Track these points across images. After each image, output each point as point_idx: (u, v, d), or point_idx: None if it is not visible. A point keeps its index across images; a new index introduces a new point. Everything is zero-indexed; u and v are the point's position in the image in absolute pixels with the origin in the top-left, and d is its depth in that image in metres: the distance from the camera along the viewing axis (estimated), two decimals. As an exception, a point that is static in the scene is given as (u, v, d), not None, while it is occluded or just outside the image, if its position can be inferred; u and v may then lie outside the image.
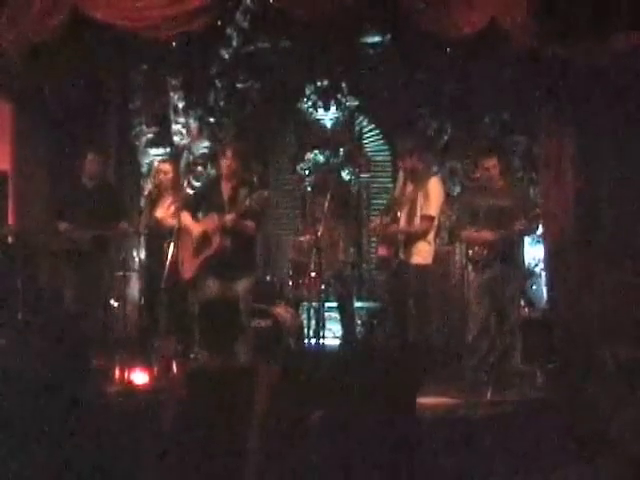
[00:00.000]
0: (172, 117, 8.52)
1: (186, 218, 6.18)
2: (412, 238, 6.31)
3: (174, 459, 3.47)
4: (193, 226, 6.14)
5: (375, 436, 3.15)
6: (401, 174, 6.62)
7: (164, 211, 6.87)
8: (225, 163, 6.15)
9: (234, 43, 8.23)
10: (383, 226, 6.51)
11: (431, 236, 6.35)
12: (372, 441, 3.13)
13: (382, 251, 6.59)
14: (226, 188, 6.14)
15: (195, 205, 6.31)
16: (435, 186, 6.37)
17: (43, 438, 3.32)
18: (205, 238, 6.06)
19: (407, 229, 6.32)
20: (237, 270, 6.06)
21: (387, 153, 8.37)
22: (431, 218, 6.29)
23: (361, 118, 8.41)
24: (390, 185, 7.78)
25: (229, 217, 5.92)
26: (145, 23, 6.58)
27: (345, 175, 8.42)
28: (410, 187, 6.41)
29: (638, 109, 6.62)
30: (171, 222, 6.46)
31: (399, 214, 6.40)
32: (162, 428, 3.61)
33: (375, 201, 8.29)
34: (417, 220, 6.29)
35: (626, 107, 6.66)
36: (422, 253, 6.30)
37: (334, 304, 7.29)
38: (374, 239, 7.60)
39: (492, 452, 4.20)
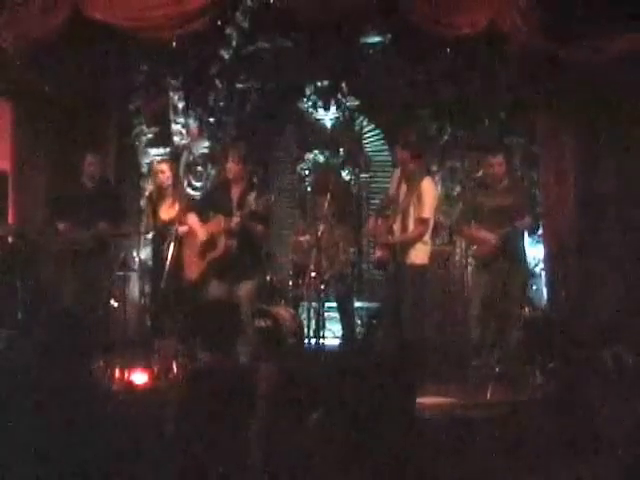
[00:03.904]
0: (172, 117, 8.51)
1: (192, 220, 6.20)
2: (409, 241, 6.29)
3: (174, 459, 3.47)
4: (199, 228, 6.15)
5: (374, 436, 3.15)
6: (396, 173, 6.57)
7: (166, 211, 6.87)
8: (234, 166, 6.16)
9: (234, 43, 8.23)
10: (379, 229, 6.48)
11: (427, 236, 6.33)
12: (371, 441, 3.13)
13: (379, 254, 6.58)
14: (235, 191, 6.18)
15: (202, 207, 6.33)
16: (428, 187, 6.27)
17: (43, 438, 3.32)
18: (211, 240, 6.08)
19: (403, 237, 6.26)
20: (242, 272, 6.08)
21: (387, 153, 8.35)
22: (425, 221, 6.21)
23: (361, 118, 8.41)
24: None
25: (235, 220, 5.95)
26: (145, 23, 6.59)
27: (345, 175, 8.42)
28: (404, 188, 6.36)
29: (638, 108, 6.63)
30: (173, 222, 6.46)
31: (396, 217, 6.38)
32: (163, 428, 3.61)
33: (375, 201, 8.26)
34: (411, 223, 6.24)
35: (626, 106, 6.67)
36: (419, 253, 6.27)
37: (334, 304, 7.28)
38: (373, 239, 7.58)
39: (492, 452, 4.20)
